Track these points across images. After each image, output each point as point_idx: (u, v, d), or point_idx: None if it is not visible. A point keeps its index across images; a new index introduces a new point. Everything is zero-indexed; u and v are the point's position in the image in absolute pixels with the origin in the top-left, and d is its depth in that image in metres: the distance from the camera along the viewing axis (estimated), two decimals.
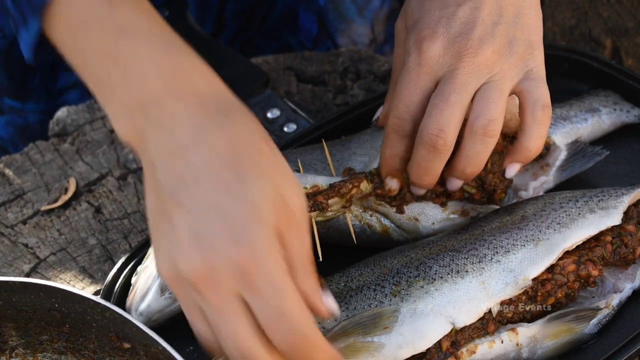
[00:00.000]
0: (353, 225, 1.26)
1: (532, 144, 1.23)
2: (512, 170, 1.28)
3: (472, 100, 1.19)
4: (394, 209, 1.26)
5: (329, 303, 1.00)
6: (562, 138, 1.40)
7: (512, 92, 1.22)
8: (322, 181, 1.23)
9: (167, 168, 0.97)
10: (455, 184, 1.26)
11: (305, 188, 1.21)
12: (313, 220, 1.20)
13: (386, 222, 1.28)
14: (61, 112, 1.57)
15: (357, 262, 1.23)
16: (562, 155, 1.37)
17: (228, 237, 0.93)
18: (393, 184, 1.25)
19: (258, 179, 0.96)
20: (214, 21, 1.77)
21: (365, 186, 1.24)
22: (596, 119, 1.44)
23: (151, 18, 1.04)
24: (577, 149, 1.39)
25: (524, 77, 1.21)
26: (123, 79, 1.00)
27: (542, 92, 1.21)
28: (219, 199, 0.95)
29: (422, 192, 1.26)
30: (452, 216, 1.28)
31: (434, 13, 1.20)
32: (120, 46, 1.01)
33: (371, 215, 1.27)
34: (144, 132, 0.99)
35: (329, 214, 1.23)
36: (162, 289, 1.20)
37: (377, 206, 1.26)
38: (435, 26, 1.19)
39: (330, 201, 1.21)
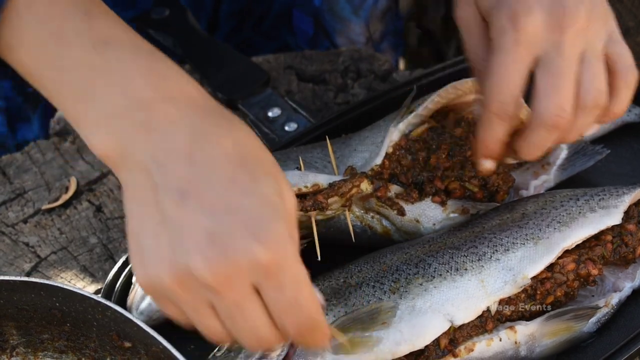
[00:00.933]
0: (354, 226, 1.26)
1: (621, 107, 1.20)
2: (592, 130, 1.24)
3: None
4: (395, 211, 1.26)
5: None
6: None
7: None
8: (323, 180, 1.23)
9: (167, 171, 0.95)
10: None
11: (306, 187, 1.22)
12: (313, 220, 1.20)
13: (387, 224, 1.28)
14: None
15: (357, 258, 1.23)
16: (563, 154, 1.37)
17: (249, 235, 0.93)
18: (489, 165, 1.21)
19: (267, 176, 0.96)
20: (208, 21, 1.77)
21: (365, 186, 1.24)
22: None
23: (129, 30, 1.03)
24: (578, 148, 1.39)
25: (608, 40, 1.17)
26: (105, 88, 0.98)
27: (628, 56, 1.18)
28: (234, 198, 0.94)
29: (493, 167, 1.23)
30: (452, 215, 1.28)
31: None
32: (105, 56, 0.99)
33: (372, 217, 1.27)
34: (129, 139, 0.97)
35: (329, 212, 1.23)
36: None
37: (379, 208, 1.26)
38: (527, 0, 1.13)
39: (329, 200, 1.21)
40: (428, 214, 1.28)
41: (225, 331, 0.98)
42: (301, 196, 1.21)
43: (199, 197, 0.94)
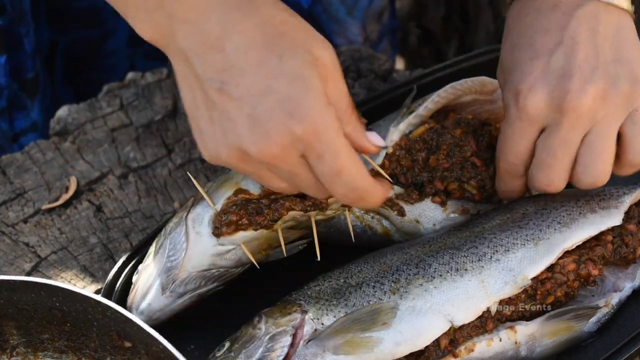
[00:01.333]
0: (354, 226, 1.26)
1: (625, 174, 1.23)
2: None
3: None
4: (395, 212, 1.26)
5: (373, 139, 1.12)
6: None
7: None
8: None
9: (205, 61, 1.04)
10: None
11: None
12: (313, 220, 1.20)
13: (387, 224, 1.28)
14: (62, 111, 1.57)
15: (357, 258, 1.23)
16: None
17: (285, 114, 1.03)
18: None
19: (293, 51, 1.04)
20: None
21: None
22: None
23: None
24: None
25: (628, 118, 1.17)
26: None
27: None
28: (265, 81, 1.03)
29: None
30: (452, 215, 1.28)
31: (526, 64, 1.17)
32: None
33: (372, 217, 1.27)
34: (168, 29, 1.05)
35: (328, 212, 1.23)
36: (163, 288, 1.21)
37: (379, 208, 1.26)
38: (531, 80, 1.16)
39: (329, 200, 1.21)
40: (428, 214, 1.28)
41: (292, 186, 1.11)
42: (302, 196, 1.21)
43: (236, 84, 1.03)
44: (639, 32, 1.21)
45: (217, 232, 1.19)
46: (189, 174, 1.27)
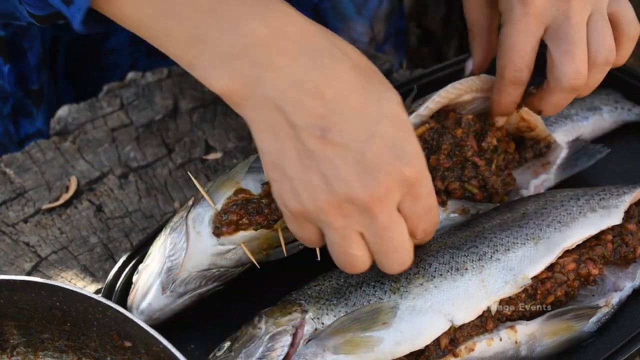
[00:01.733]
0: None
1: (623, 59, 1.26)
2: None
3: None
4: None
5: None
6: (563, 136, 1.40)
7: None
8: None
9: (302, 109, 1.02)
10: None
11: None
12: None
13: None
14: (62, 111, 1.57)
15: None
16: (563, 153, 1.37)
17: (394, 157, 1.04)
18: (502, 121, 1.29)
19: (386, 93, 1.06)
20: None
21: None
22: (597, 117, 1.44)
23: None
24: (578, 147, 1.39)
25: (612, 1, 1.23)
26: (218, 30, 1.03)
27: (630, 11, 1.24)
28: (369, 126, 1.03)
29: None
30: (452, 215, 1.28)
31: None
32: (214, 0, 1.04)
33: None
34: (253, 77, 1.03)
35: None
36: (164, 287, 1.21)
37: None
38: None
39: None
40: None
41: (367, 256, 1.08)
42: None
43: (340, 130, 1.03)
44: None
45: (217, 232, 1.19)
46: (189, 174, 1.27)
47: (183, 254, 1.20)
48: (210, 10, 1.04)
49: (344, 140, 1.03)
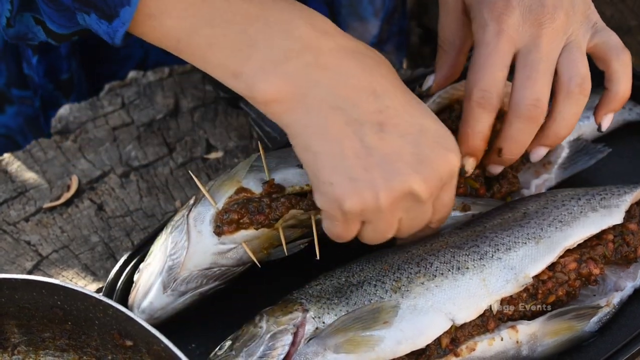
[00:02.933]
0: None
1: (623, 87, 1.25)
2: (607, 121, 1.29)
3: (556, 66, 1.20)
4: None
5: None
6: None
7: (588, 49, 1.23)
8: None
9: (361, 106, 1.06)
10: (542, 152, 1.25)
11: (308, 185, 1.22)
12: (313, 219, 1.20)
13: None
14: (63, 110, 1.57)
15: (359, 257, 1.23)
16: (564, 152, 1.37)
17: (443, 148, 1.09)
18: (471, 165, 1.23)
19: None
20: None
21: None
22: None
23: None
24: (579, 147, 1.39)
25: (593, 32, 1.23)
26: (267, 34, 1.05)
27: (616, 38, 1.24)
28: (418, 120, 1.09)
29: (500, 169, 1.28)
30: (453, 214, 1.28)
31: None
32: (261, 5, 1.05)
33: None
34: (306, 80, 1.04)
35: None
36: (165, 286, 1.21)
37: None
38: None
39: None
40: None
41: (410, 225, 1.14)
42: (302, 195, 1.21)
43: (394, 124, 1.07)
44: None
45: (218, 231, 1.19)
46: (191, 173, 1.27)
47: (184, 252, 1.20)
48: (259, 15, 1.05)
49: (399, 134, 1.07)
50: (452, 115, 1.32)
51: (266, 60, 1.04)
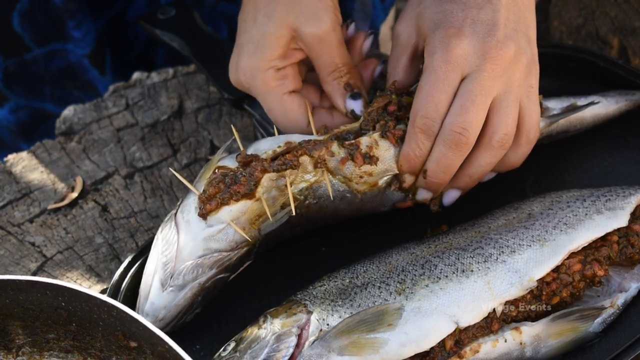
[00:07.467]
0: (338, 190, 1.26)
1: (518, 159, 1.29)
2: (490, 176, 1.32)
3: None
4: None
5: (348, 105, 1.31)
6: (557, 103, 1.40)
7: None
8: (296, 139, 1.24)
9: None
10: (454, 195, 1.29)
11: (280, 147, 1.23)
12: (287, 180, 1.21)
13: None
14: (68, 111, 1.57)
15: (362, 257, 1.23)
16: (554, 112, 1.38)
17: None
18: (410, 180, 1.27)
19: None
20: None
21: (336, 149, 1.24)
22: (598, 97, 1.43)
23: None
24: (570, 107, 1.39)
25: (525, 95, 1.24)
26: None
27: (536, 118, 1.26)
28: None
29: (430, 195, 1.28)
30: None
31: (457, 14, 1.22)
32: None
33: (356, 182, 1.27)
34: None
35: (308, 176, 1.23)
36: (163, 284, 1.21)
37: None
38: (461, 26, 1.21)
39: (300, 159, 1.22)
40: None
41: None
42: (275, 159, 1.22)
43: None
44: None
45: (202, 213, 1.20)
46: (171, 169, 1.29)
47: (175, 246, 1.21)
48: None
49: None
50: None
51: None
